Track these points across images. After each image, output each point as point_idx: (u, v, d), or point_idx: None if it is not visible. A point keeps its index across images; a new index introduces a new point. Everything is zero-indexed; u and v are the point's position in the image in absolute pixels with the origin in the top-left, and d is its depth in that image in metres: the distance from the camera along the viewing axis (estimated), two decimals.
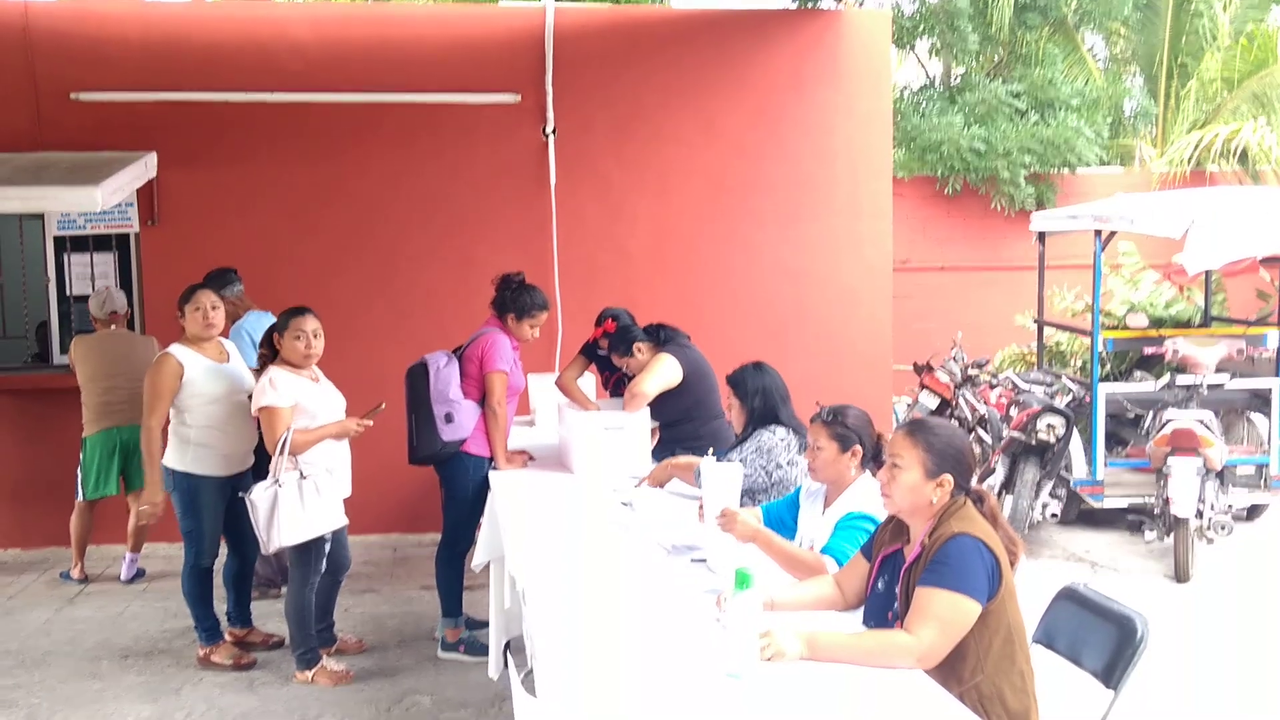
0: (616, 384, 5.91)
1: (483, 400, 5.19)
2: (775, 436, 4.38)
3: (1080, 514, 7.51)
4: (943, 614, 2.73)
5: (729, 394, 4.56)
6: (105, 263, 7.27)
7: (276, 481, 4.69)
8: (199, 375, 5.02)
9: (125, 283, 7.24)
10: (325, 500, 4.81)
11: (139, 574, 6.66)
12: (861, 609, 3.14)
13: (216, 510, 5.07)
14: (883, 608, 3.01)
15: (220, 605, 5.34)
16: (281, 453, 4.69)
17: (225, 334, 5.37)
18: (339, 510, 4.90)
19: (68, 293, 7.29)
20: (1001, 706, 2.81)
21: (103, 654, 5.45)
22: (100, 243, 7.25)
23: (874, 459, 3.62)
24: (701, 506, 3.62)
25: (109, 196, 6.09)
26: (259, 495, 4.70)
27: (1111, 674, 2.92)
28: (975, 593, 2.77)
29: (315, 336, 4.84)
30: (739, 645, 2.62)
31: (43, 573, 6.87)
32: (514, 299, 5.22)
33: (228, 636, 5.34)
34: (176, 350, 5.03)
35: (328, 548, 4.93)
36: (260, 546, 4.80)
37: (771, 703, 2.50)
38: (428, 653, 5.37)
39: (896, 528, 3.09)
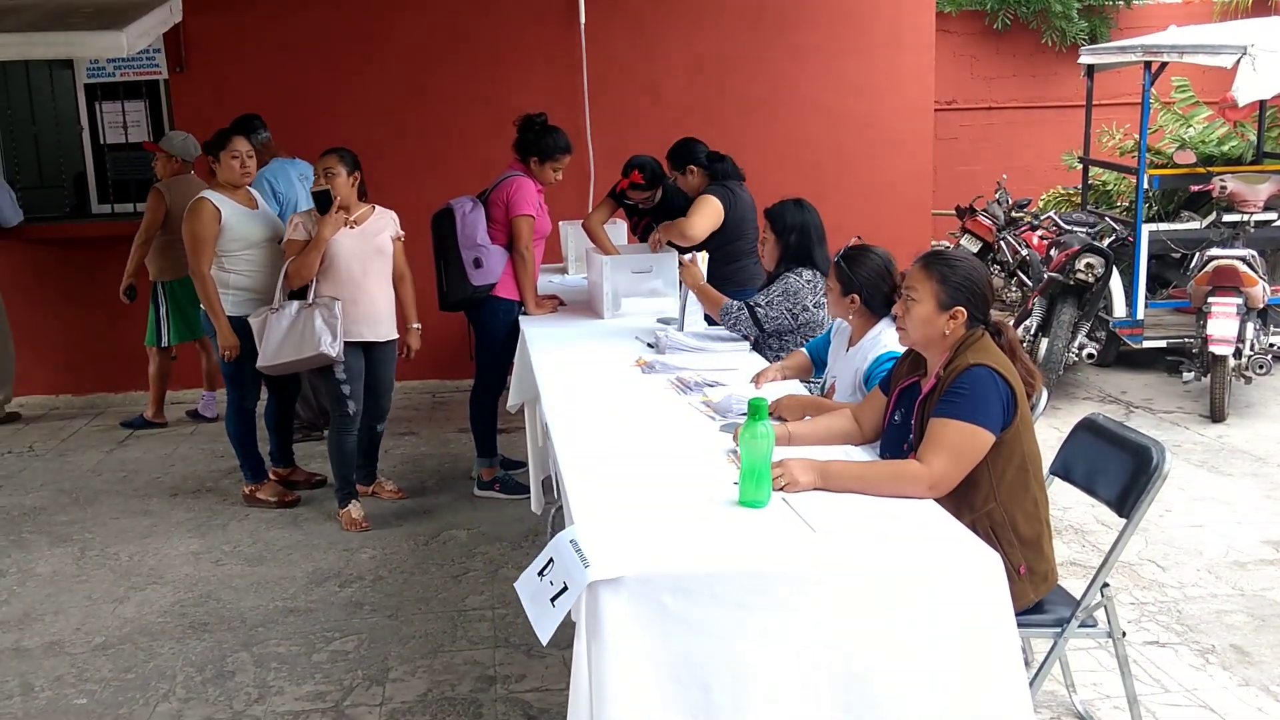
0: (645, 230, 5.86)
1: (510, 245, 5.17)
2: (801, 279, 4.33)
3: (1118, 356, 7.45)
4: (955, 443, 2.74)
5: (766, 227, 4.44)
6: (137, 111, 7.25)
7: (273, 307, 4.87)
8: (235, 220, 5.05)
9: (158, 131, 7.23)
10: (316, 329, 4.80)
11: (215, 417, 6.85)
12: (879, 442, 3.17)
13: (255, 352, 5.15)
14: (899, 440, 3.02)
15: (263, 447, 5.49)
16: (279, 282, 4.88)
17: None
18: (327, 343, 4.82)
19: (101, 142, 7.30)
20: (1013, 533, 2.85)
21: (152, 492, 5.66)
22: (130, 90, 7.22)
23: (885, 305, 3.58)
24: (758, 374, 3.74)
25: (134, 41, 6.01)
26: (254, 316, 4.91)
27: (1125, 502, 2.93)
28: (989, 423, 2.77)
29: (327, 174, 4.84)
30: (752, 475, 2.65)
31: (92, 417, 7.08)
32: (536, 141, 5.15)
33: (271, 475, 5.51)
34: (210, 195, 5.05)
35: (347, 389, 4.97)
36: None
37: (785, 531, 2.54)
38: (464, 491, 5.52)
39: (914, 361, 3.09)
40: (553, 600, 2.38)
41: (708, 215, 5.06)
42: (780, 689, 2.37)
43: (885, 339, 3.54)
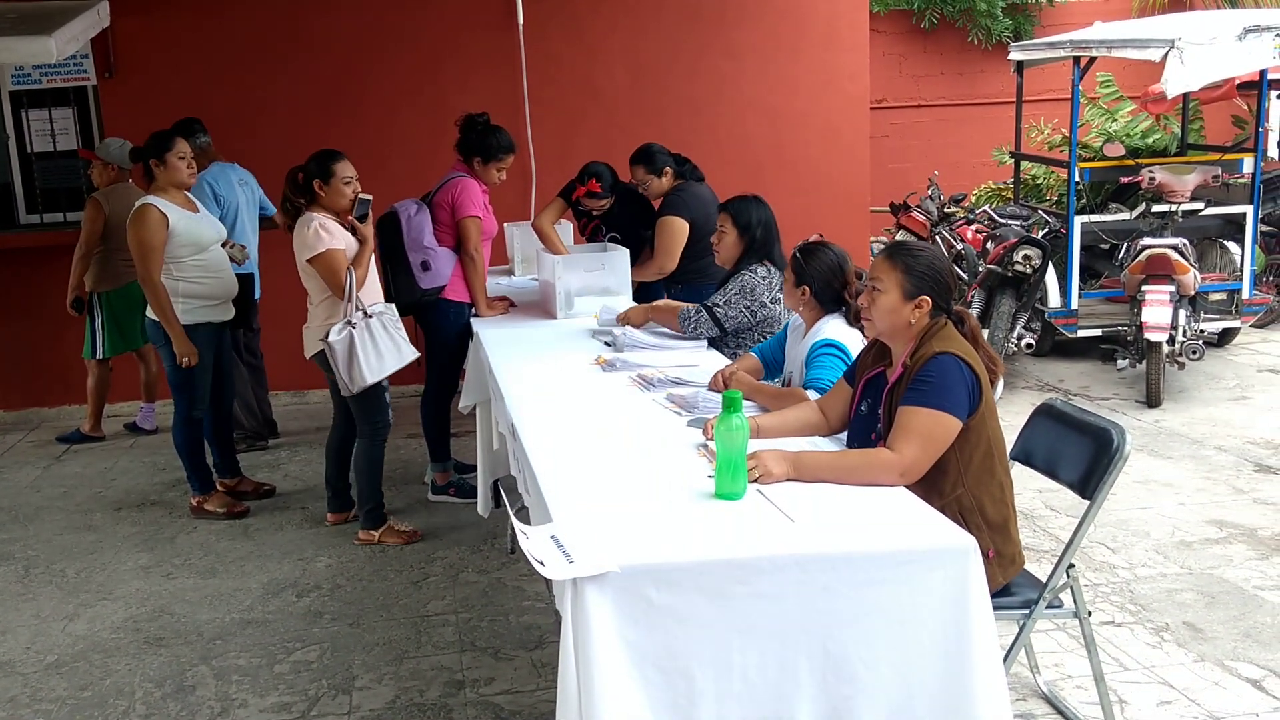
0: (593, 232, 5.87)
1: (457, 246, 5.14)
2: (756, 276, 4.35)
3: (1054, 345, 7.62)
4: (924, 430, 2.78)
5: (727, 221, 4.38)
6: (65, 118, 7.08)
7: (349, 323, 4.60)
8: (183, 225, 4.95)
9: (87, 138, 7.07)
10: (393, 337, 4.71)
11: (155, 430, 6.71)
12: (845, 433, 3.20)
13: (206, 360, 5.06)
14: (866, 430, 3.06)
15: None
16: (350, 295, 4.60)
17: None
18: (407, 347, 4.78)
19: (29, 151, 7.12)
20: (981, 517, 2.90)
21: (95, 507, 5.53)
22: (58, 97, 7.04)
23: (835, 302, 3.64)
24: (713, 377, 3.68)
25: (63, 47, 5.89)
26: (336, 338, 4.58)
27: (1087, 484, 2.99)
28: (956, 410, 2.82)
29: (357, 181, 4.72)
30: (728, 467, 2.66)
31: (27, 432, 6.90)
32: (479, 142, 5.12)
33: (219, 486, 5.40)
34: (154, 201, 4.93)
35: (389, 396, 4.85)
36: (341, 389, 4.69)
37: (764, 521, 2.55)
38: (419, 496, 5.47)
39: (879, 351, 3.13)
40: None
41: (676, 239, 5.26)
42: (760, 672, 2.39)
43: (826, 329, 3.61)
